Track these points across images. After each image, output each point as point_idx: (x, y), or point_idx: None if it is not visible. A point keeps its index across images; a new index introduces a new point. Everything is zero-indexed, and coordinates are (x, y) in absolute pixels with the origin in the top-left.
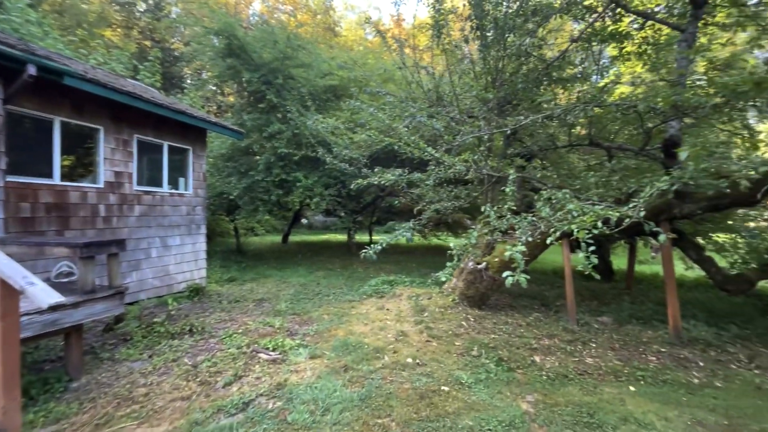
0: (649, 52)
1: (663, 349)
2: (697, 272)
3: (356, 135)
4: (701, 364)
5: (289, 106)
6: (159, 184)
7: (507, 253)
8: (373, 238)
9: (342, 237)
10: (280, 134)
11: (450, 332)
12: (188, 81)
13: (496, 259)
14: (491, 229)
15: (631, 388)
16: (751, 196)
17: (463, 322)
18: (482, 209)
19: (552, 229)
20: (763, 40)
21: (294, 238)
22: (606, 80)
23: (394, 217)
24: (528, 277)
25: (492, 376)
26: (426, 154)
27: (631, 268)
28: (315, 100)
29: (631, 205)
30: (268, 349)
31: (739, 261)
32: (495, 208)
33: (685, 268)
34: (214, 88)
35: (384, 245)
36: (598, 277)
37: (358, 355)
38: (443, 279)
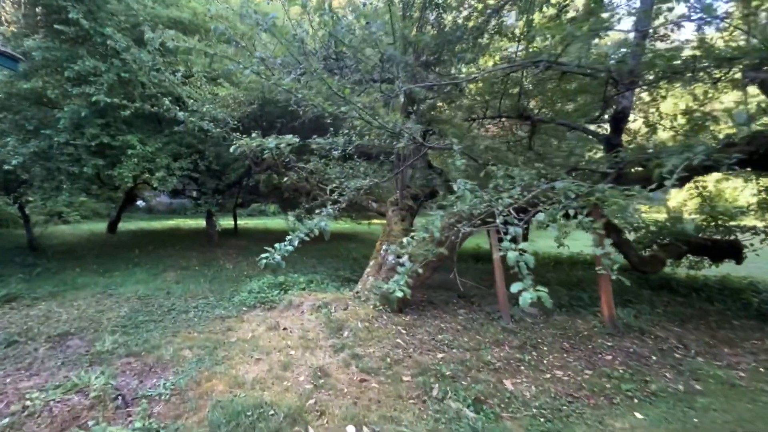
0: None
1: (609, 343)
2: (569, 250)
3: (222, 88)
4: (653, 358)
5: (112, 34)
6: None
7: (511, 255)
8: (238, 223)
9: (195, 222)
10: (97, 76)
11: (388, 359)
12: None
13: (420, 251)
14: (450, 213)
15: (638, 416)
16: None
17: (398, 339)
18: (454, 187)
19: (539, 213)
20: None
21: (127, 225)
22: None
23: (259, 198)
24: (546, 290)
25: None
26: (345, 109)
27: None
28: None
29: (669, 183)
30: None
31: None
32: (468, 185)
33: (557, 247)
34: None
35: (298, 243)
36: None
37: None
38: (399, 294)
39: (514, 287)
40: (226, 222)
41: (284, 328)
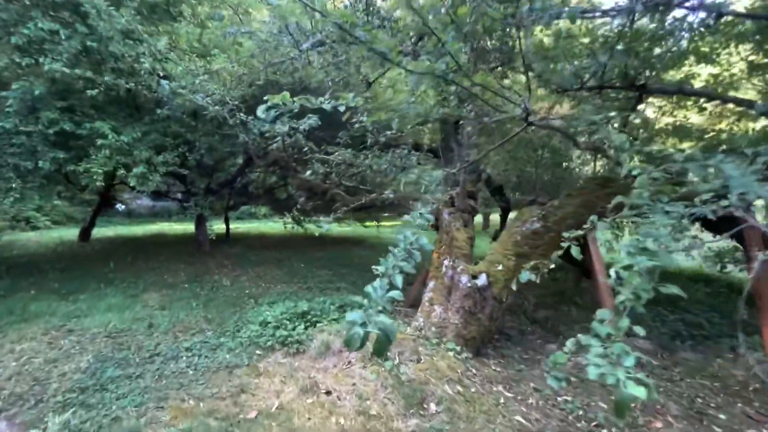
0: None
1: None
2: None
3: (215, 60)
4: None
5: None
6: None
7: None
8: (230, 228)
9: (182, 227)
10: (55, 43)
11: None
12: None
13: (499, 268)
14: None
15: None
16: None
17: (516, 415)
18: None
19: None
20: None
21: (104, 231)
22: None
23: (250, 200)
24: None
25: None
26: (426, 57)
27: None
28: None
29: None
30: None
31: None
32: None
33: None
34: None
35: (401, 281)
36: None
37: None
38: (642, 395)
39: None
40: (217, 226)
41: (327, 392)
